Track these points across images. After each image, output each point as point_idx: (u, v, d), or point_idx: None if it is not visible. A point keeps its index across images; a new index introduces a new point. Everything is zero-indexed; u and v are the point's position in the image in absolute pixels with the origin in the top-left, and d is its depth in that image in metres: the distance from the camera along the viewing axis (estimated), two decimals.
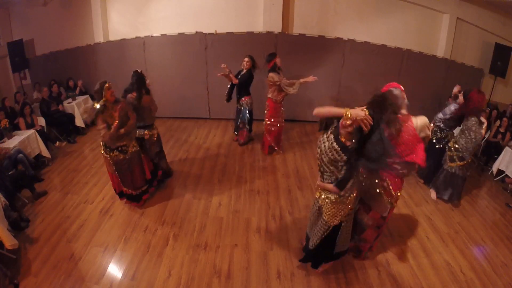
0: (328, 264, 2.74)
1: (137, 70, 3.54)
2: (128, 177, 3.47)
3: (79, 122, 5.78)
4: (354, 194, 2.34)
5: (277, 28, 5.99)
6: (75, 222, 3.42)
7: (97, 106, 3.12)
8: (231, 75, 4.65)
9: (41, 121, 5.23)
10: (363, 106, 1.98)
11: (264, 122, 4.81)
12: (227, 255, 2.98)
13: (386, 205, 2.56)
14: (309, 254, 2.72)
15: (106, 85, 3.10)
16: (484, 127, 3.48)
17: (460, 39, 6.06)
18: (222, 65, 4.58)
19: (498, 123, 4.91)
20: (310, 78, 4.25)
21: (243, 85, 4.75)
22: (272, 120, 4.68)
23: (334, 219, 2.38)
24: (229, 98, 4.90)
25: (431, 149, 3.91)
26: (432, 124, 4.12)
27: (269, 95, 4.59)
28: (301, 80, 4.34)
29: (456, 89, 4.54)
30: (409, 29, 6.07)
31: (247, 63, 4.62)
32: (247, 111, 4.93)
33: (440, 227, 3.46)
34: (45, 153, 4.73)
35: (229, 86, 4.83)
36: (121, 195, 3.67)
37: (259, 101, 5.28)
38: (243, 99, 4.86)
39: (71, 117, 5.68)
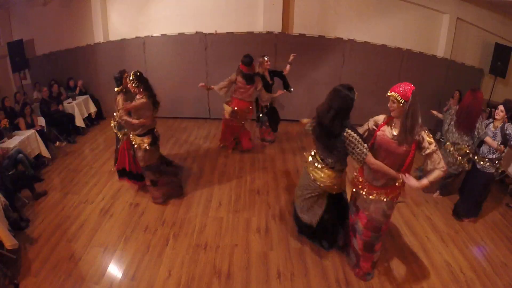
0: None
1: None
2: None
3: (79, 122, 5.78)
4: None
5: (277, 28, 5.99)
6: (75, 222, 3.41)
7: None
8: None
9: (41, 121, 5.22)
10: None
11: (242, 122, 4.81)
12: (227, 255, 2.98)
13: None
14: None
15: (125, 74, 3.52)
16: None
17: (460, 39, 6.06)
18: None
19: None
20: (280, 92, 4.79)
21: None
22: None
23: None
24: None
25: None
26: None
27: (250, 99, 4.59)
28: (275, 95, 4.80)
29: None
30: (409, 29, 6.07)
31: (269, 63, 4.69)
32: None
33: (440, 227, 3.46)
34: (45, 153, 4.73)
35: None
36: (122, 173, 3.84)
37: None
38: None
39: (71, 117, 5.68)
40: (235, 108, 4.56)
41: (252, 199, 3.87)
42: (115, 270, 2.81)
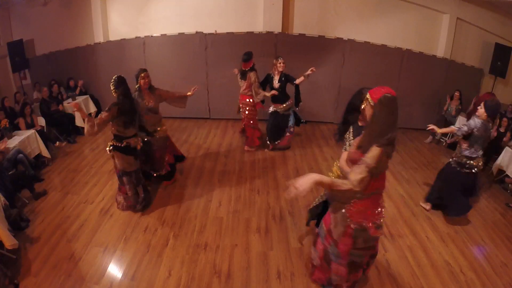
0: None
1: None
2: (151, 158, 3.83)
3: (79, 122, 5.78)
4: None
5: (277, 28, 6.00)
6: (75, 222, 3.41)
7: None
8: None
9: (41, 121, 5.22)
10: None
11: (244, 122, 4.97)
12: (227, 255, 2.98)
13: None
14: None
15: (142, 74, 3.57)
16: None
17: (460, 39, 6.07)
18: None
19: (497, 122, 4.92)
20: (273, 92, 4.54)
21: (284, 89, 4.66)
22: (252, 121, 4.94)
23: None
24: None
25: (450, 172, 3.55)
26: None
27: (249, 93, 4.74)
28: (267, 94, 4.58)
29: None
30: (409, 29, 6.07)
31: (283, 65, 4.51)
32: (294, 114, 4.88)
33: (440, 227, 3.46)
34: (45, 153, 4.73)
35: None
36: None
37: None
38: (288, 102, 4.74)
39: (71, 117, 5.68)
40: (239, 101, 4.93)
41: (252, 199, 3.87)
42: (115, 270, 2.81)
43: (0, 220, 2.84)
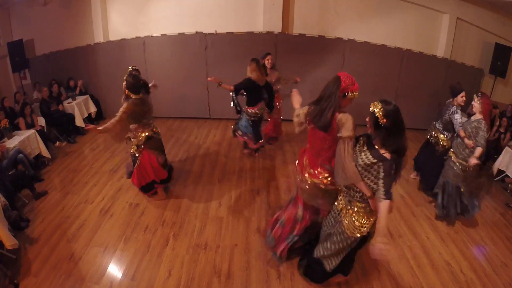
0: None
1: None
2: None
3: (79, 122, 5.78)
4: None
5: (277, 28, 5.99)
6: (75, 222, 3.42)
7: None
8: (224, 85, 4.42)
9: (41, 121, 5.22)
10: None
11: None
12: (227, 255, 2.98)
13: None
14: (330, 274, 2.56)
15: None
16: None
17: (460, 39, 6.06)
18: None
19: (498, 122, 4.92)
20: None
21: (247, 93, 4.39)
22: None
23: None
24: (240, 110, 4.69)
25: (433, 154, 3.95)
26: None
27: None
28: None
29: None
30: (409, 29, 6.07)
31: (248, 68, 4.27)
32: (245, 121, 4.54)
33: (440, 227, 3.46)
34: (45, 153, 4.73)
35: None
36: (151, 186, 3.67)
37: None
38: (245, 108, 4.53)
39: (71, 117, 5.68)
40: None
41: (252, 199, 3.87)
42: (115, 270, 2.81)
43: (0, 220, 2.84)
